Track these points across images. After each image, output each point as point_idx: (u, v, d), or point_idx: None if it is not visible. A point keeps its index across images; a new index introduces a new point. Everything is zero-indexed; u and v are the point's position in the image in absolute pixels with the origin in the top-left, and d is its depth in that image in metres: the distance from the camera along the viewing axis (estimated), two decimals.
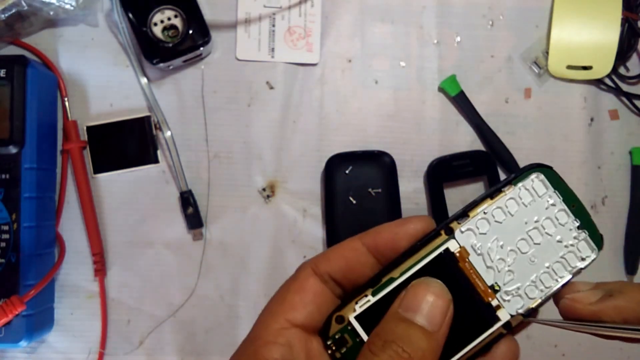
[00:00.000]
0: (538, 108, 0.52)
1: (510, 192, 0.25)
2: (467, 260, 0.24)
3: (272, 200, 0.50)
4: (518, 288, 0.24)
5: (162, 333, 0.49)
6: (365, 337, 0.24)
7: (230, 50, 0.50)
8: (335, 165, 0.48)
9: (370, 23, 0.51)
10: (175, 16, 0.46)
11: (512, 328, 0.24)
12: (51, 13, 0.47)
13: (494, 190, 0.25)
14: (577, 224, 0.25)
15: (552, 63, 0.51)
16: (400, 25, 0.51)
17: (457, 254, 0.24)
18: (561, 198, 0.25)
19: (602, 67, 0.51)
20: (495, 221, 0.25)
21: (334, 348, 0.25)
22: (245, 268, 0.50)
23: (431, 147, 0.51)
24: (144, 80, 0.49)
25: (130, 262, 0.49)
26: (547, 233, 0.24)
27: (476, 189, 0.51)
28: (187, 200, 0.49)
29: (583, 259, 0.25)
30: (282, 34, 0.50)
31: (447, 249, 0.24)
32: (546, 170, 0.25)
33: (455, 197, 0.50)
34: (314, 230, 0.50)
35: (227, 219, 0.50)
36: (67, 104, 0.49)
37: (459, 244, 0.25)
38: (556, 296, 0.25)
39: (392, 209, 0.48)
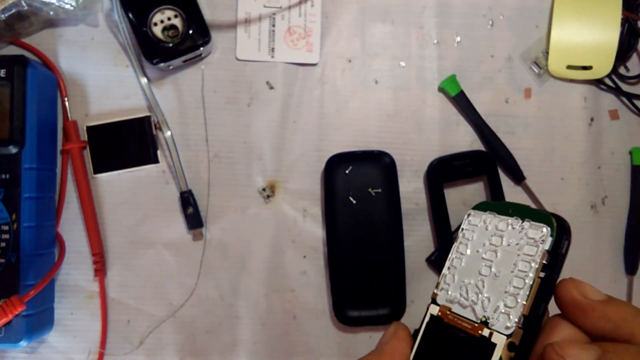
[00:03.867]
0: (538, 108, 0.52)
1: (457, 239, 0.28)
2: (448, 313, 0.26)
3: (272, 200, 0.50)
4: (497, 307, 0.25)
5: (162, 333, 0.49)
6: None
7: (230, 50, 0.50)
8: (335, 165, 0.48)
9: (370, 23, 0.51)
10: (175, 16, 0.46)
11: (517, 345, 0.24)
12: (51, 13, 0.47)
13: (450, 249, 0.28)
14: (520, 222, 0.26)
15: (552, 63, 0.51)
16: (400, 25, 0.51)
17: (439, 314, 0.27)
18: (494, 213, 0.27)
19: (602, 67, 0.51)
20: (457, 269, 0.27)
21: None
22: (245, 268, 0.50)
23: (431, 147, 0.51)
24: (144, 80, 0.49)
25: (130, 262, 0.49)
26: (497, 246, 0.26)
27: (476, 189, 0.51)
28: (187, 200, 0.49)
29: (539, 241, 0.25)
30: (282, 34, 0.50)
31: (431, 315, 0.27)
32: (476, 205, 0.28)
33: (455, 197, 0.50)
34: (314, 230, 0.50)
35: (227, 219, 0.50)
36: (67, 104, 0.49)
37: (437, 305, 0.27)
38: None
39: (392, 209, 0.48)
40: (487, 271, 0.26)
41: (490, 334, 0.24)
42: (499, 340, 0.24)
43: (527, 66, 0.52)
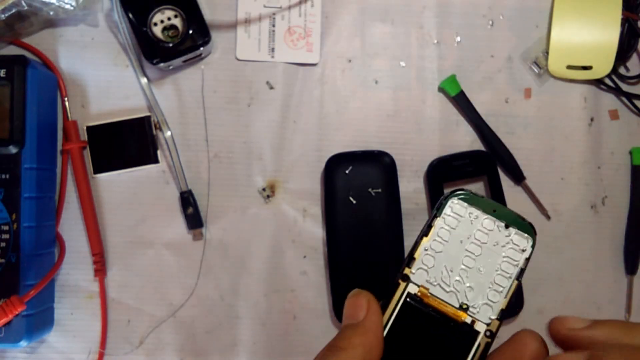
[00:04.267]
0: (538, 108, 0.52)
1: (437, 223, 0.28)
2: (429, 294, 0.27)
3: (272, 200, 0.50)
4: (482, 298, 0.27)
5: (162, 333, 0.49)
6: None
7: (230, 50, 0.50)
8: (335, 165, 0.48)
9: (370, 23, 0.51)
10: (175, 16, 0.46)
11: (495, 334, 0.27)
12: (51, 13, 0.47)
13: (425, 228, 0.28)
14: (504, 224, 0.28)
15: (552, 63, 0.51)
16: (400, 25, 0.51)
17: (419, 293, 0.27)
18: (481, 209, 0.28)
19: (602, 67, 0.51)
20: (437, 252, 0.28)
21: None
22: (245, 268, 0.50)
23: (431, 147, 0.51)
24: (144, 80, 0.49)
25: (130, 262, 0.49)
26: (482, 243, 0.28)
27: (476, 189, 0.51)
28: (187, 200, 0.49)
29: (523, 250, 0.28)
30: (282, 34, 0.50)
31: (409, 293, 0.27)
32: (459, 194, 0.28)
33: None
34: (314, 230, 0.50)
35: (227, 219, 0.50)
36: (67, 104, 0.49)
37: (417, 285, 0.27)
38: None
39: (392, 209, 0.48)
40: (470, 263, 0.27)
41: (473, 322, 0.27)
42: (481, 328, 0.26)
43: (527, 66, 0.52)
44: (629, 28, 0.51)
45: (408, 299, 0.27)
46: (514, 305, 0.49)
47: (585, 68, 0.51)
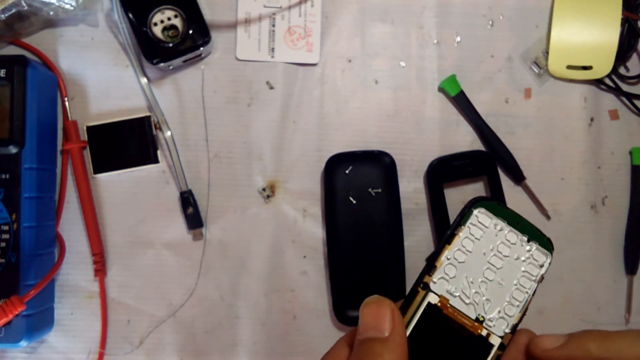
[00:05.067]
0: (538, 108, 0.52)
1: (462, 232, 0.28)
2: (448, 305, 0.27)
3: (272, 200, 0.50)
4: (499, 312, 0.27)
5: (162, 333, 0.49)
6: None
7: (230, 50, 0.50)
8: (335, 165, 0.48)
9: (370, 23, 0.51)
10: (175, 16, 0.46)
11: (505, 346, 0.27)
12: (51, 13, 0.47)
13: (448, 236, 0.28)
14: (526, 238, 0.28)
15: (552, 63, 0.51)
16: (400, 25, 0.51)
17: (439, 304, 0.27)
18: (506, 222, 0.28)
19: (602, 67, 0.51)
20: (459, 262, 0.27)
21: None
22: (245, 268, 0.50)
23: (431, 147, 0.51)
24: (144, 80, 0.49)
25: (130, 262, 0.49)
26: (505, 256, 0.28)
27: (476, 189, 0.51)
28: (187, 200, 0.49)
29: (541, 266, 0.28)
30: (282, 34, 0.50)
31: (429, 303, 0.27)
32: (485, 203, 0.28)
33: (455, 197, 0.50)
34: (314, 230, 0.50)
35: (227, 219, 0.50)
36: (67, 104, 0.49)
37: (437, 295, 0.27)
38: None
39: (392, 209, 0.48)
40: (491, 275, 0.27)
41: (488, 335, 0.27)
42: (496, 341, 0.26)
43: (527, 66, 0.52)
44: (629, 28, 0.51)
45: (427, 309, 0.27)
46: None
47: (585, 68, 0.51)
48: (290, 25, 0.50)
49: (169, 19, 0.46)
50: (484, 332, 0.27)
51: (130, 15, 0.46)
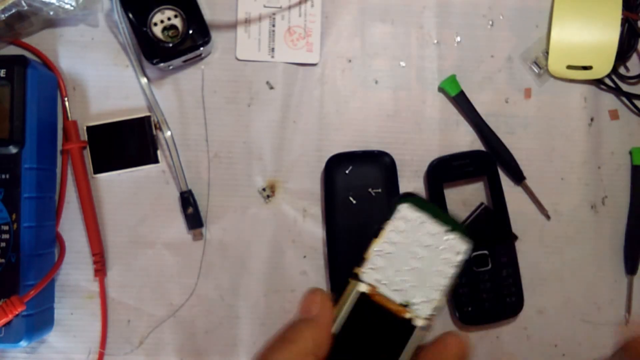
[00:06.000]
0: (538, 108, 0.52)
1: (388, 226, 0.30)
2: (376, 293, 0.30)
3: (272, 200, 0.50)
4: (422, 296, 0.29)
5: (162, 333, 0.49)
6: None
7: (230, 50, 0.50)
8: (335, 165, 0.48)
9: (370, 23, 0.51)
10: (175, 16, 0.46)
11: (430, 327, 0.30)
12: (51, 13, 0.47)
13: (376, 230, 0.30)
14: (448, 229, 0.30)
15: (552, 63, 0.51)
16: (400, 25, 0.51)
17: (368, 292, 0.30)
18: (429, 214, 0.30)
19: (602, 67, 0.51)
20: (387, 253, 0.30)
21: None
22: (245, 268, 0.50)
23: (431, 147, 0.51)
24: (144, 80, 0.49)
25: (130, 262, 0.49)
26: (426, 245, 0.30)
27: (476, 188, 0.51)
28: (187, 200, 0.49)
29: (458, 253, 0.30)
30: (282, 34, 0.50)
31: (358, 292, 0.30)
32: (410, 199, 0.30)
33: (455, 197, 0.50)
34: (314, 230, 0.50)
35: (227, 219, 0.50)
36: (67, 104, 0.49)
37: (366, 284, 0.30)
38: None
39: None
40: (415, 264, 0.30)
41: (413, 318, 0.29)
42: (419, 323, 0.29)
43: (527, 66, 0.52)
44: (629, 28, 0.51)
45: (358, 297, 0.29)
46: (514, 304, 0.49)
47: (585, 68, 0.51)
48: (290, 25, 0.50)
49: (169, 19, 0.46)
50: (408, 315, 0.29)
51: (130, 15, 0.46)
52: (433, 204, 0.31)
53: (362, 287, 0.30)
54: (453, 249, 0.30)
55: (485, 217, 0.50)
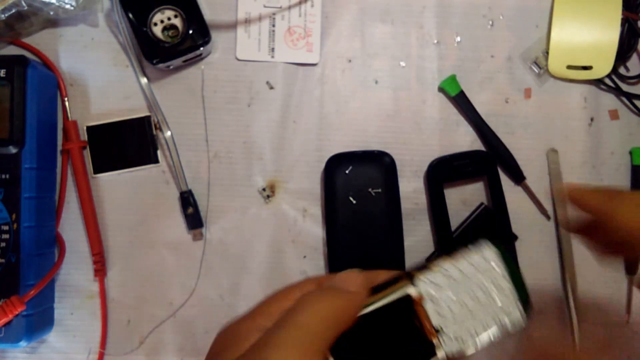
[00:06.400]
0: (538, 108, 0.52)
1: (467, 256, 0.30)
2: (421, 304, 0.29)
3: (272, 200, 0.50)
4: (456, 332, 0.28)
5: (162, 333, 0.49)
6: None
7: (230, 50, 0.50)
8: (335, 165, 0.48)
9: (370, 23, 0.51)
10: (175, 16, 0.46)
11: None
12: (51, 13, 0.47)
13: (453, 250, 0.30)
14: (515, 296, 0.30)
15: (552, 63, 0.51)
16: (400, 25, 0.51)
17: (415, 298, 0.29)
18: (506, 270, 0.30)
19: (602, 67, 0.51)
20: (451, 277, 0.29)
21: None
22: (245, 268, 0.50)
23: (431, 147, 0.51)
24: (144, 80, 0.49)
25: (130, 262, 0.49)
26: (488, 294, 0.29)
27: (476, 189, 0.51)
28: (187, 200, 0.49)
29: (511, 322, 0.29)
30: (282, 34, 0.50)
31: (407, 293, 0.29)
32: (501, 248, 0.30)
33: (455, 197, 0.50)
34: (314, 230, 0.50)
35: (227, 219, 0.50)
36: (67, 104, 0.49)
37: (418, 291, 0.29)
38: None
39: (392, 209, 0.48)
40: (469, 302, 0.29)
41: (437, 346, 0.28)
42: (440, 354, 0.28)
43: (527, 66, 0.52)
44: (629, 28, 0.51)
45: (402, 297, 0.29)
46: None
47: (585, 68, 0.51)
48: (290, 25, 0.50)
49: (169, 19, 0.46)
50: (435, 341, 0.28)
51: (130, 15, 0.46)
52: (518, 268, 0.30)
53: (412, 291, 0.29)
54: (509, 315, 0.29)
55: (485, 217, 0.50)
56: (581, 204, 0.34)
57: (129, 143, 0.49)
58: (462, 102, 0.51)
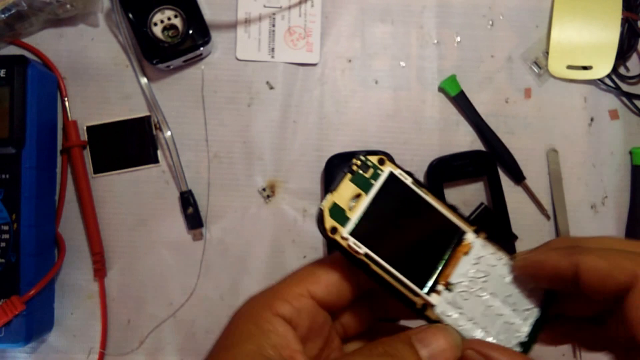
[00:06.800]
0: (538, 108, 0.52)
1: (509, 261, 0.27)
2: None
3: (272, 200, 0.50)
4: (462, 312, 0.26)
5: (162, 333, 0.49)
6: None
7: (230, 50, 0.50)
8: (335, 165, 0.48)
9: (370, 23, 0.51)
10: (175, 16, 0.46)
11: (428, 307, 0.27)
12: (51, 13, 0.47)
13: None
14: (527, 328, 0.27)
15: (552, 63, 0.51)
16: (400, 25, 0.51)
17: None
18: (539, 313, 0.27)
19: (602, 67, 0.51)
20: (481, 276, 0.27)
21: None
22: (245, 268, 0.50)
23: (431, 147, 0.51)
24: (144, 80, 0.49)
25: (130, 262, 0.49)
26: (498, 298, 0.27)
27: (476, 189, 0.51)
28: (187, 200, 0.49)
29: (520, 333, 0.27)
30: (282, 34, 0.50)
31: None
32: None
33: (456, 197, 0.50)
34: (314, 230, 0.50)
35: (227, 219, 0.50)
36: (67, 104, 0.49)
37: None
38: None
39: None
40: (492, 301, 0.27)
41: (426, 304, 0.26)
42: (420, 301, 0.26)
43: (527, 66, 0.52)
44: (629, 28, 0.51)
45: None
46: None
47: (585, 68, 0.51)
48: (290, 25, 0.50)
49: (169, 19, 0.46)
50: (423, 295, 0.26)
51: (130, 15, 0.46)
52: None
53: (470, 237, 0.27)
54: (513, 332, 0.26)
55: (485, 217, 0.50)
56: (537, 272, 0.26)
57: (129, 143, 0.49)
58: (462, 102, 0.51)
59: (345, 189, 0.26)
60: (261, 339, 0.25)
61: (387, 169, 0.27)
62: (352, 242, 0.26)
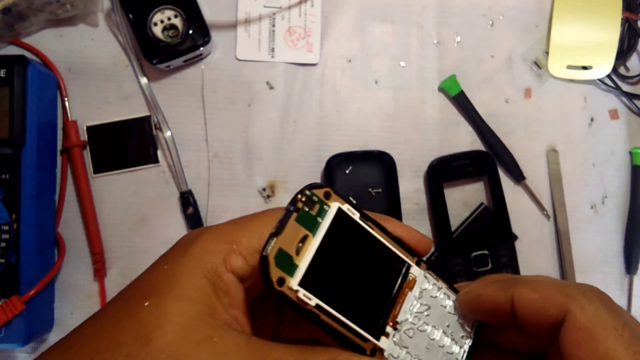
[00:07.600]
0: (538, 108, 0.52)
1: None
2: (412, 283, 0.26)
3: (272, 200, 0.50)
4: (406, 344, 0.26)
5: None
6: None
7: (230, 50, 0.50)
8: (335, 165, 0.48)
9: (370, 23, 0.51)
10: (175, 16, 0.46)
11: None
12: (51, 13, 0.47)
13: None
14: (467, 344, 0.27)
15: (552, 63, 0.51)
16: (400, 25, 0.51)
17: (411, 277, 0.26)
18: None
19: (602, 67, 0.51)
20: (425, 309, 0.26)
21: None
22: None
23: (431, 147, 0.51)
24: (144, 80, 0.49)
25: (130, 262, 0.49)
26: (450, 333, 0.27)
27: (476, 189, 0.51)
28: (187, 200, 0.49)
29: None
30: (282, 34, 0.50)
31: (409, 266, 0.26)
32: None
33: (455, 197, 0.50)
34: None
35: (227, 219, 0.49)
36: (67, 104, 0.49)
37: (418, 270, 0.26)
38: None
39: (392, 209, 0.48)
40: (434, 334, 0.26)
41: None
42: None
43: (527, 66, 0.52)
44: (629, 28, 0.51)
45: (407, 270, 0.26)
46: None
47: (585, 68, 0.51)
48: (290, 25, 0.50)
49: (169, 19, 0.46)
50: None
51: (130, 15, 0.46)
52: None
53: (415, 271, 0.26)
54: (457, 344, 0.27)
55: (485, 217, 0.50)
56: (477, 307, 0.26)
57: (129, 143, 0.49)
58: (462, 102, 0.51)
59: (291, 231, 0.23)
60: (213, 298, 0.23)
61: (335, 204, 0.24)
62: (303, 293, 0.22)
